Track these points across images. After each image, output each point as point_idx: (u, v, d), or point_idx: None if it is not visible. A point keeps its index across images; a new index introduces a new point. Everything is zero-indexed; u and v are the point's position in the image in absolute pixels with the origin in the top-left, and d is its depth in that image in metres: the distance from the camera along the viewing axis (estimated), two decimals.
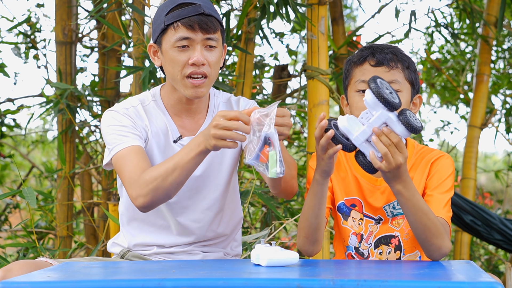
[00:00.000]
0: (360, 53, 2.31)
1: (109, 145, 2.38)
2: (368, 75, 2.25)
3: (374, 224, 2.32)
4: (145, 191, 2.24)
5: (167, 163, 2.24)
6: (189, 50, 2.34)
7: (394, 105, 1.98)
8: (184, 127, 2.47)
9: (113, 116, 2.41)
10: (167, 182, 2.22)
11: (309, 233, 2.23)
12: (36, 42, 4.69)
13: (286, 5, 3.26)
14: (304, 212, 2.23)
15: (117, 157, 2.35)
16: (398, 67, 2.26)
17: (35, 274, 1.90)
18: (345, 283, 1.72)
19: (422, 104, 2.43)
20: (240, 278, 1.80)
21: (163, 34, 2.36)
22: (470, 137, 4.82)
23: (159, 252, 2.52)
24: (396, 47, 2.32)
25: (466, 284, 1.70)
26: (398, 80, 2.25)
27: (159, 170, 2.24)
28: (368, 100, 1.99)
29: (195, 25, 2.31)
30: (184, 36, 2.33)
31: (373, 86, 1.98)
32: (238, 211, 2.61)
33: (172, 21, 2.32)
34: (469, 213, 4.43)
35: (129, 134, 2.37)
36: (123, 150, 2.35)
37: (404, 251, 2.31)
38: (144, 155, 2.35)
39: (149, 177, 2.24)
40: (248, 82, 3.63)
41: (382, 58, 2.26)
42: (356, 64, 2.30)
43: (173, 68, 2.36)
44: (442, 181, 2.27)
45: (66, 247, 4.11)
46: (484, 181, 8.96)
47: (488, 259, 6.03)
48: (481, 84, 4.79)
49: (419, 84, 2.34)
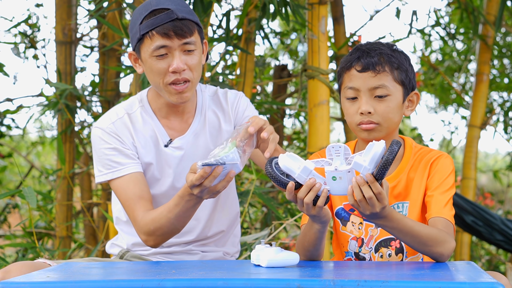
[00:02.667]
0: (348, 56, 2.29)
1: (103, 167, 2.41)
2: (355, 81, 2.24)
3: (375, 228, 2.31)
4: (152, 238, 2.33)
5: (168, 214, 2.27)
6: (168, 58, 2.32)
7: (380, 179, 1.95)
8: (173, 129, 2.47)
9: (100, 137, 2.42)
10: (172, 230, 2.31)
11: (309, 258, 2.24)
12: (36, 42, 4.68)
13: (286, 5, 3.26)
14: (303, 243, 2.21)
15: (115, 185, 2.39)
16: (385, 70, 2.24)
17: (35, 275, 1.90)
18: (345, 284, 1.71)
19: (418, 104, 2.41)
20: (240, 279, 1.79)
21: (140, 43, 2.34)
22: (470, 137, 4.82)
23: (158, 252, 2.52)
24: (386, 45, 2.28)
25: (467, 284, 1.70)
26: (385, 84, 2.24)
27: (162, 222, 2.29)
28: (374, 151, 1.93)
29: (170, 32, 2.29)
30: (160, 44, 2.30)
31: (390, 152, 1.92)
32: (234, 206, 2.61)
33: (147, 30, 2.30)
34: (470, 213, 4.43)
35: (123, 159, 2.39)
36: (121, 178, 2.38)
37: (407, 254, 2.30)
38: (142, 182, 2.39)
39: (153, 228, 2.30)
40: (248, 82, 3.63)
41: (368, 62, 2.24)
42: (344, 69, 2.29)
43: (155, 76, 2.35)
44: (442, 181, 2.26)
45: (65, 247, 4.10)
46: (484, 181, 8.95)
47: (489, 259, 6.02)
48: (480, 83, 4.79)
49: (414, 81, 2.32)
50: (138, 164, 2.42)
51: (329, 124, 3.39)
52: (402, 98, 2.27)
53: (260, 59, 4.67)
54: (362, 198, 1.97)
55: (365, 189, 1.96)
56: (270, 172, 2.02)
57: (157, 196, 2.46)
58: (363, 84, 2.23)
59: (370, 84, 2.23)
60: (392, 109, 2.24)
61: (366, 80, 2.23)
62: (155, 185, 2.47)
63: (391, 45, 2.29)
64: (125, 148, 2.41)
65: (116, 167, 2.39)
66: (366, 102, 2.23)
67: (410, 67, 2.29)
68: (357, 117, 2.25)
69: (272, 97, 4.59)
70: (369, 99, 2.23)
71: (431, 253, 2.12)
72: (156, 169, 2.45)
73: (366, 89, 2.23)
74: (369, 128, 2.24)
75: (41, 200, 4.58)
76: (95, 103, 4.33)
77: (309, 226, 2.18)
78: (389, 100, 2.24)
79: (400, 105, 2.27)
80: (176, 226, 2.30)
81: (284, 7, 3.26)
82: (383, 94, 2.23)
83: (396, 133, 2.33)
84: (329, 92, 3.41)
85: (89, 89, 4.28)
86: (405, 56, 2.29)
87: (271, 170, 2.02)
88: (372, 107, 2.23)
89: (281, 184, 2.03)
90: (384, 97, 2.23)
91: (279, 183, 2.03)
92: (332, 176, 1.99)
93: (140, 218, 2.33)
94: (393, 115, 2.25)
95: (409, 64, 2.29)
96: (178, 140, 2.46)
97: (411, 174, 2.30)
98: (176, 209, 2.25)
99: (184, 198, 2.22)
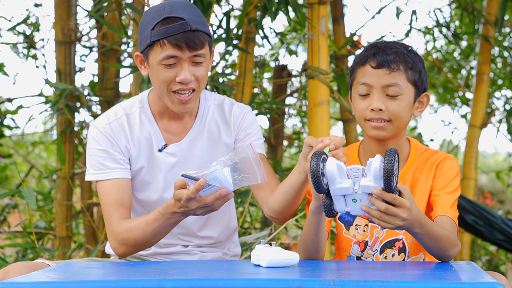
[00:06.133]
0: (364, 52, 2.29)
1: (91, 167, 2.42)
2: (368, 77, 2.24)
3: (380, 229, 2.31)
4: (123, 248, 2.33)
5: (145, 228, 2.27)
6: (176, 67, 2.31)
7: (392, 191, 1.91)
8: (171, 132, 2.46)
9: (94, 136, 2.43)
10: (145, 243, 2.31)
11: (309, 256, 2.24)
12: (35, 42, 4.67)
13: (286, 4, 3.25)
14: (303, 237, 2.24)
15: (99, 187, 2.40)
16: (399, 69, 2.24)
17: (35, 275, 1.90)
18: (345, 284, 1.71)
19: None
20: (240, 279, 1.79)
21: (149, 48, 2.32)
22: (470, 137, 4.81)
23: (157, 253, 2.51)
24: (402, 45, 2.29)
25: (467, 284, 1.70)
26: (399, 83, 2.24)
27: (136, 233, 2.29)
28: (373, 167, 1.90)
29: (181, 43, 2.27)
30: (171, 54, 2.29)
31: (387, 161, 1.87)
32: (232, 221, 2.61)
33: (159, 38, 2.28)
34: (471, 213, 4.43)
35: (110, 163, 2.39)
36: (106, 182, 2.39)
37: (409, 254, 2.30)
38: (125, 190, 2.38)
39: (127, 237, 2.30)
40: (248, 82, 3.62)
41: (383, 60, 2.24)
42: (359, 64, 2.29)
43: (160, 83, 2.34)
44: (448, 182, 2.27)
45: (65, 247, 4.10)
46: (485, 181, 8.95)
47: (489, 259, 6.02)
48: (481, 83, 4.78)
49: (426, 83, 2.32)
50: (126, 170, 2.41)
51: (329, 124, 3.38)
52: (414, 98, 2.28)
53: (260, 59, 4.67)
54: (381, 213, 1.93)
55: (378, 204, 1.92)
56: (315, 170, 1.93)
57: (146, 201, 2.46)
58: (377, 81, 2.23)
59: (383, 82, 2.23)
60: (403, 108, 2.24)
61: (380, 77, 2.23)
62: (145, 189, 2.46)
63: (406, 46, 2.30)
64: (116, 152, 2.41)
65: (103, 169, 2.40)
66: (378, 99, 2.23)
67: (423, 69, 2.29)
68: (368, 112, 2.25)
69: (272, 97, 4.58)
70: (381, 96, 2.23)
71: (443, 255, 2.12)
72: (148, 173, 2.45)
73: (379, 86, 2.23)
74: (379, 126, 2.24)
75: (41, 200, 4.57)
76: (94, 103, 4.32)
77: (307, 217, 2.19)
78: (401, 99, 2.24)
79: (410, 105, 2.27)
80: (150, 240, 2.29)
81: (285, 6, 3.26)
82: (396, 94, 2.23)
83: (404, 133, 2.33)
84: (329, 92, 3.41)
85: (88, 89, 4.27)
86: (420, 57, 2.30)
87: (316, 168, 1.93)
88: (383, 104, 2.23)
89: (318, 187, 1.95)
90: (396, 96, 2.24)
91: (317, 184, 1.94)
92: (352, 198, 1.96)
93: (115, 225, 2.33)
94: (404, 115, 2.25)
95: (423, 66, 2.30)
96: (173, 147, 2.45)
97: (416, 175, 2.30)
98: (154, 224, 2.24)
99: (165, 215, 2.21)
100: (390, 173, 1.87)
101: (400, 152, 2.31)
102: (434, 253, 2.11)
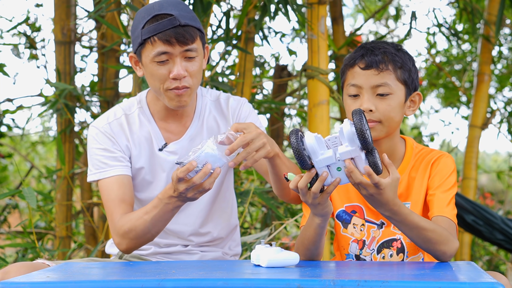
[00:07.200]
0: (353, 54, 2.30)
1: (92, 167, 2.42)
2: (358, 78, 2.25)
3: (377, 229, 2.30)
4: (125, 241, 2.32)
5: (144, 216, 2.26)
6: (169, 64, 2.32)
7: (370, 147, 1.97)
8: (171, 132, 2.47)
9: (94, 136, 2.44)
10: (145, 234, 2.30)
11: (309, 258, 2.24)
12: (35, 42, 4.67)
13: (286, 4, 3.25)
14: (303, 241, 2.21)
15: (101, 185, 2.40)
16: (388, 69, 2.24)
17: (35, 275, 1.90)
18: (345, 284, 1.71)
19: (422, 102, 2.42)
20: (240, 279, 1.79)
21: (141, 47, 2.33)
22: (471, 137, 4.81)
23: (157, 252, 2.52)
24: (390, 44, 2.28)
25: (467, 284, 1.70)
26: (388, 83, 2.24)
27: (137, 223, 2.28)
28: (345, 132, 1.96)
29: (172, 39, 2.28)
30: (162, 51, 2.30)
31: (356, 120, 1.95)
32: (233, 218, 2.61)
33: (149, 36, 2.29)
34: (471, 213, 4.43)
35: (111, 161, 2.40)
36: (107, 179, 2.39)
37: (408, 254, 2.30)
38: (126, 186, 2.39)
39: (127, 229, 2.29)
40: (248, 82, 3.63)
41: (371, 60, 2.24)
42: (348, 66, 2.30)
43: (155, 81, 2.36)
44: (444, 180, 2.26)
45: (65, 247, 4.10)
46: (485, 181, 8.95)
47: (489, 259, 6.02)
48: (481, 84, 4.78)
49: (417, 81, 2.32)
50: (126, 167, 2.42)
51: (329, 124, 3.38)
52: (404, 97, 2.27)
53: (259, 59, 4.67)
54: (355, 183, 2.02)
55: (354, 175, 1.99)
56: (296, 147, 1.97)
57: (147, 200, 2.46)
58: (366, 82, 2.24)
59: (372, 82, 2.23)
60: (394, 108, 2.24)
61: (368, 78, 2.23)
62: (146, 188, 2.47)
63: (396, 45, 2.30)
64: (116, 150, 2.42)
65: (104, 168, 2.40)
66: (368, 99, 2.23)
67: (413, 68, 2.29)
68: None
69: (272, 97, 4.58)
70: (371, 97, 2.24)
71: (434, 251, 2.11)
72: (148, 172, 2.45)
73: (368, 87, 2.23)
74: (370, 127, 2.24)
75: (41, 200, 4.58)
76: (94, 103, 4.32)
77: (309, 222, 2.18)
78: (391, 98, 2.24)
79: (401, 105, 2.27)
80: (150, 231, 2.28)
81: (284, 6, 3.26)
82: (385, 93, 2.23)
83: (397, 133, 2.33)
84: (328, 92, 3.41)
85: (88, 89, 4.27)
86: (409, 56, 2.29)
87: (297, 145, 1.97)
88: (373, 105, 2.23)
89: (302, 163, 1.99)
90: (386, 96, 2.24)
91: (301, 160, 1.98)
92: (337, 167, 1.99)
93: (117, 220, 2.33)
94: (394, 114, 2.25)
95: (413, 64, 2.29)
96: (173, 145, 2.46)
97: (412, 174, 2.30)
98: (153, 211, 2.24)
99: (163, 200, 2.21)
100: (362, 131, 1.94)
101: (395, 152, 2.32)
102: (423, 246, 2.12)
